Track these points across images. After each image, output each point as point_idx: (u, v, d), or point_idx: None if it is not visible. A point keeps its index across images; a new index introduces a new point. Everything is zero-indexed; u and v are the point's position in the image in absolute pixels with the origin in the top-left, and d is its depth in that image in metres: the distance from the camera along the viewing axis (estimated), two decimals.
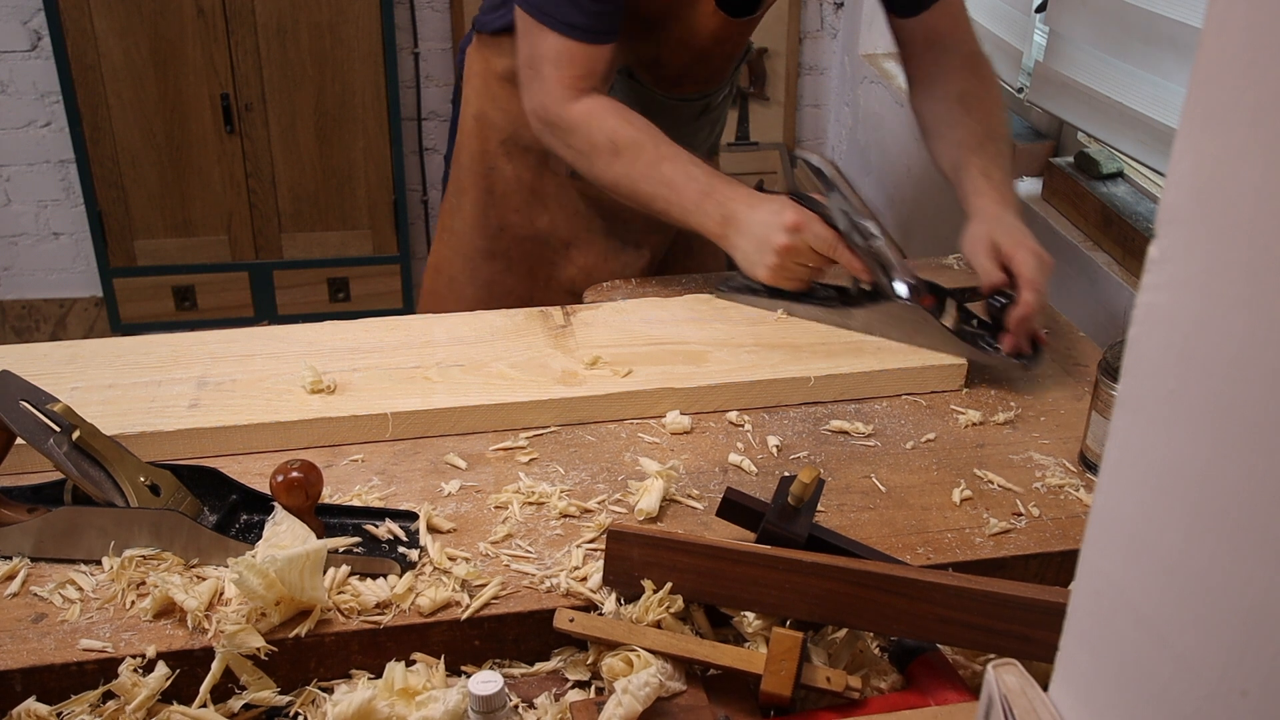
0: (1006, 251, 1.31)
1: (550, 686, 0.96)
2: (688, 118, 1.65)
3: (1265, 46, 0.40)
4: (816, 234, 1.31)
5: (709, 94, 1.63)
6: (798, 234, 1.31)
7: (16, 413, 1.01)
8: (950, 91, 1.50)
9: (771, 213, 1.33)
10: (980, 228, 1.35)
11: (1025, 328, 1.29)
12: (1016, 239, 1.31)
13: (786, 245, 1.32)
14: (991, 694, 0.63)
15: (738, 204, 1.35)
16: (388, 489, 1.14)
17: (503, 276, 1.75)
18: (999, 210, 1.36)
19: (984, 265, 1.31)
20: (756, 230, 1.34)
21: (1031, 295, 1.27)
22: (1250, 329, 0.42)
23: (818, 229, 1.31)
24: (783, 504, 0.98)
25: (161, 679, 0.91)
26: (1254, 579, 0.43)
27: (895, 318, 1.34)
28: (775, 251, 1.33)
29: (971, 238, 1.35)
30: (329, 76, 3.03)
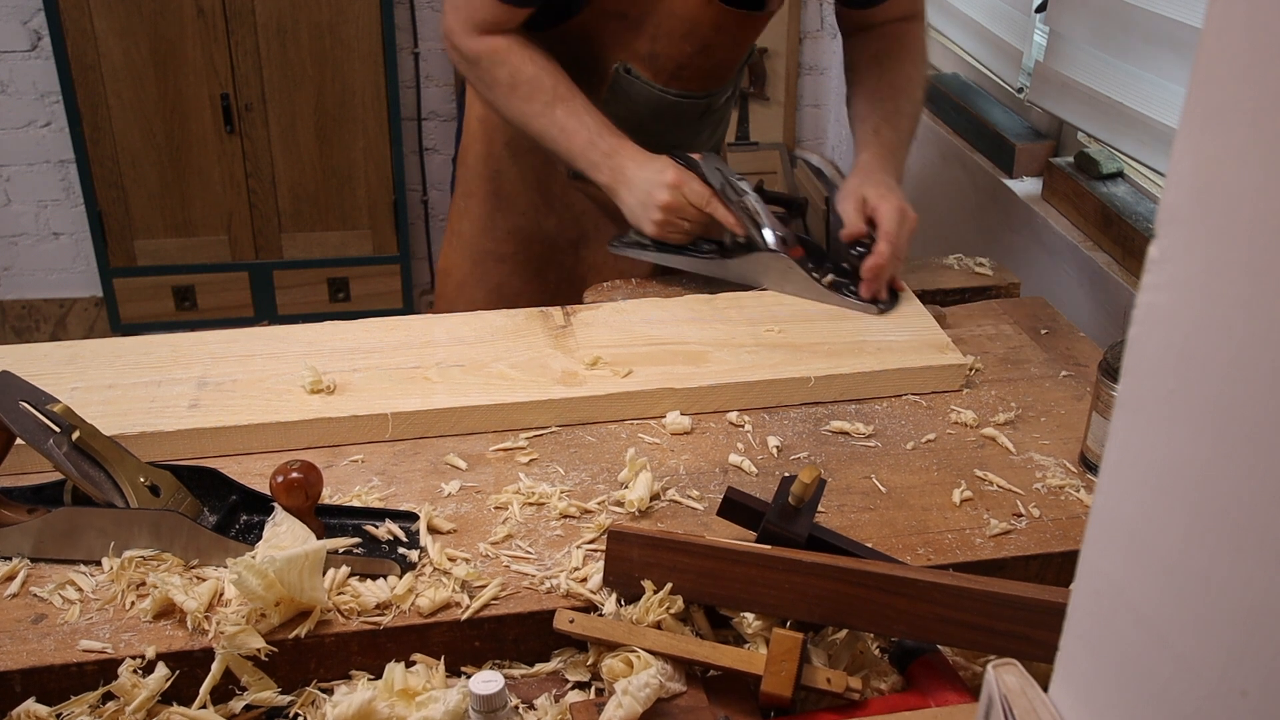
0: (871, 204, 1.41)
1: (550, 687, 0.96)
2: (690, 117, 1.64)
3: (1265, 46, 0.40)
4: (694, 190, 1.40)
5: (712, 93, 1.64)
6: (677, 190, 1.40)
7: (16, 413, 1.01)
8: (867, 52, 1.58)
9: (655, 171, 1.41)
10: (854, 180, 1.45)
11: (879, 275, 1.38)
12: (882, 193, 1.41)
13: (668, 202, 1.40)
14: (991, 694, 0.63)
15: (625, 159, 1.43)
16: (388, 489, 1.14)
17: (511, 279, 1.75)
18: (876, 165, 1.46)
19: (848, 215, 1.42)
20: (641, 187, 1.42)
21: (886, 246, 1.37)
22: (1250, 329, 0.42)
23: (695, 186, 1.41)
24: (783, 504, 0.98)
25: (161, 680, 0.91)
26: (1254, 579, 0.43)
27: (765, 267, 1.44)
28: (658, 207, 1.41)
29: (845, 190, 1.45)
30: (329, 76, 3.03)
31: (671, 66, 1.56)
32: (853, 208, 1.43)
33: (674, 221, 1.43)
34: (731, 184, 1.43)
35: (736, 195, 1.43)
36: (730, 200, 1.43)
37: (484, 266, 1.76)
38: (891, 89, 1.54)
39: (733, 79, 1.68)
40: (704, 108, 1.65)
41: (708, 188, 1.41)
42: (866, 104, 1.54)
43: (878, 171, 1.45)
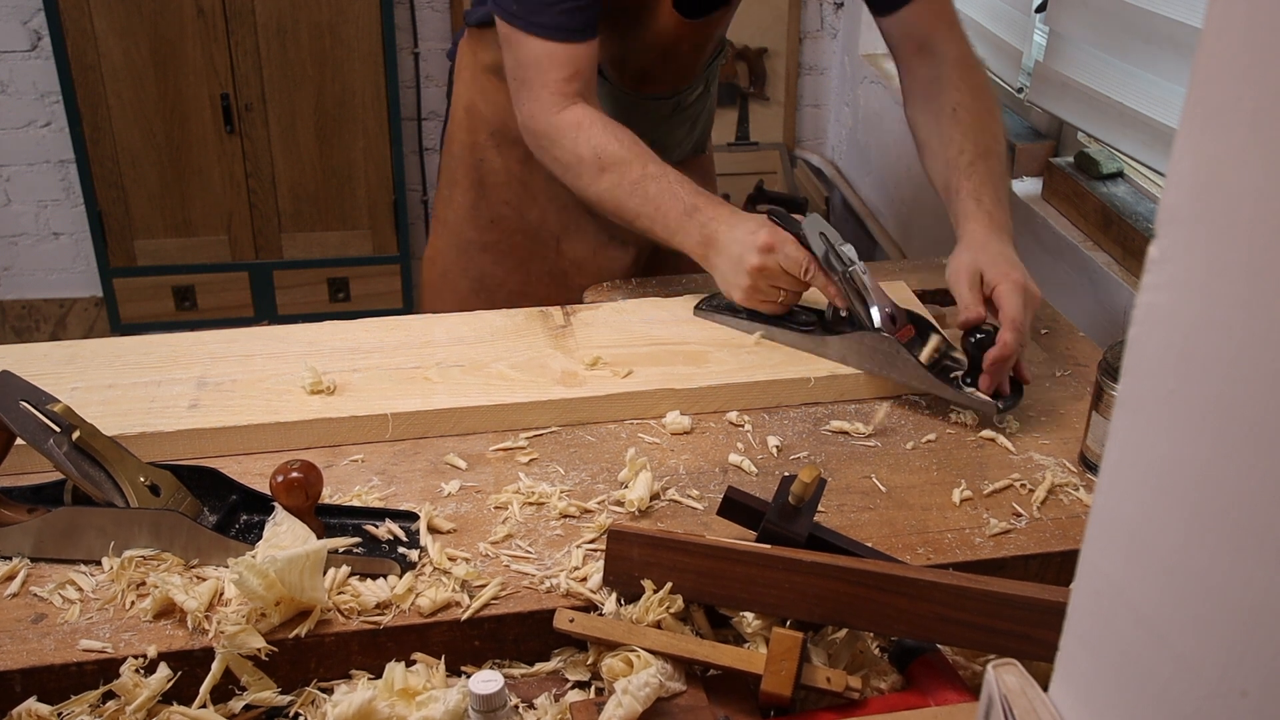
0: (990, 283, 1.26)
1: (550, 687, 0.96)
2: (659, 117, 1.64)
3: (1265, 46, 0.40)
4: (789, 255, 1.28)
5: (679, 93, 1.63)
6: (771, 255, 1.29)
7: (16, 413, 1.01)
8: (943, 105, 1.46)
9: (747, 232, 1.30)
10: (965, 255, 1.30)
11: (1002, 368, 1.22)
12: (1003, 270, 1.26)
13: (759, 266, 1.29)
14: (991, 694, 0.63)
15: (717, 224, 1.33)
16: (388, 489, 1.14)
17: (494, 269, 1.75)
18: (987, 236, 1.31)
19: (964, 297, 1.27)
20: (732, 250, 1.32)
21: (1011, 335, 1.21)
22: (1250, 329, 0.42)
23: (791, 250, 1.28)
24: (783, 503, 0.98)
25: (163, 680, 0.91)
26: (1254, 579, 0.43)
27: (870, 348, 1.29)
28: (748, 272, 1.30)
29: (956, 265, 1.30)
30: (329, 76, 3.03)
31: (637, 72, 1.56)
32: (968, 287, 1.26)
33: (763, 288, 1.31)
34: (836, 251, 1.29)
35: (841, 265, 1.29)
36: (833, 269, 1.29)
37: (467, 255, 1.75)
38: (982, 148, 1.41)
39: (702, 75, 1.66)
40: (672, 106, 1.64)
41: (807, 253, 1.28)
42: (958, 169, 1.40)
43: (993, 242, 1.30)
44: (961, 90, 1.46)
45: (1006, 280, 1.24)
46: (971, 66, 1.50)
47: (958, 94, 1.46)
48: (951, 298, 1.56)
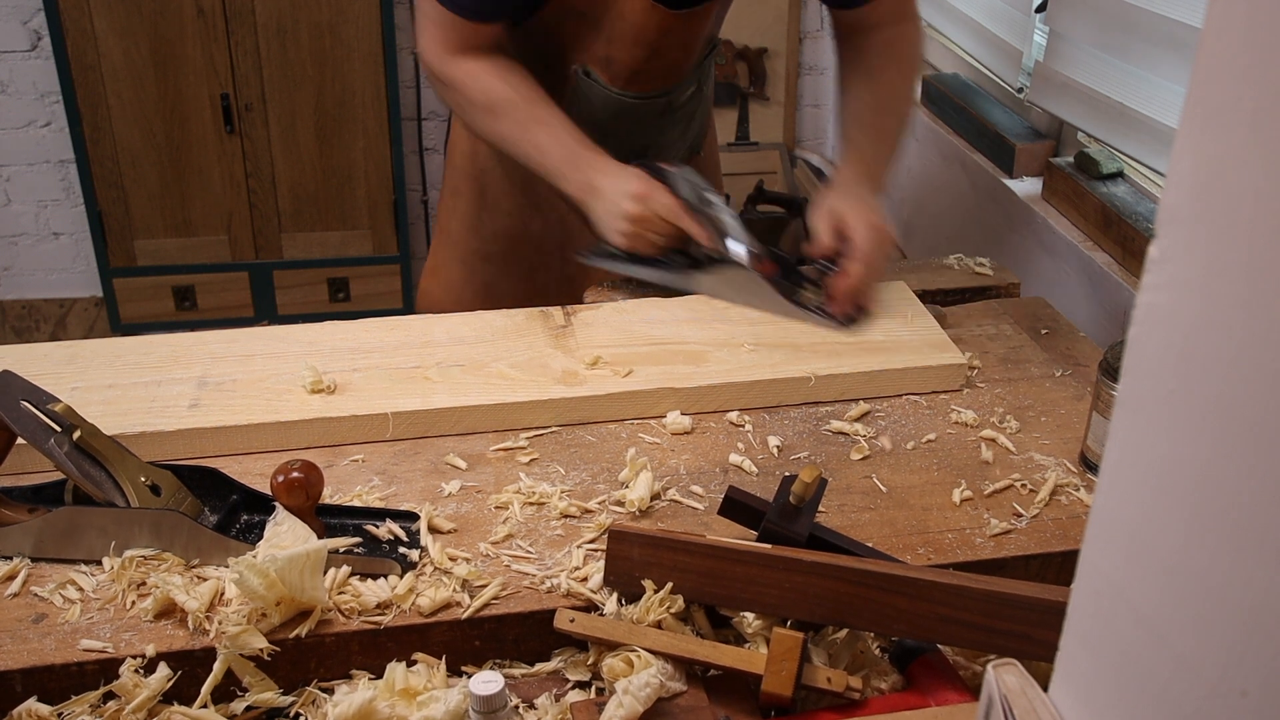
0: (845, 221, 1.36)
1: (551, 687, 0.96)
2: (650, 116, 1.63)
3: (1265, 46, 0.40)
4: (661, 202, 1.37)
5: (669, 91, 1.62)
6: (644, 202, 1.37)
7: (17, 413, 1.01)
8: (859, 66, 1.54)
9: (622, 181, 1.39)
10: (828, 196, 1.41)
11: (848, 295, 1.34)
12: (857, 210, 1.36)
13: (635, 213, 1.38)
14: (991, 694, 0.63)
15: (597, 173, 1.41)
16: (388, 489, 1.14)
17: (500, 280, 1.75)
18: (853, 182, 1.41)
19: (819, 232, 1.38)
20: (610, 198, 1.40)
21: (855, 265, 1.32)
22: (1250, 329, 0.42)
23: (662, 197, 1.38)
24: (784, 503, 0.98)
25: (163, 680, 0.92)
26: (1254, 579, 0.43)
27: (735, 283, 1.39)
28: (625, 218, 1.38)
29: (817, 205, 1.41)
30: (329, 76, 3.04)
31: (626, 72, 1.55)
32: (824, 224, 1.38)
33: (641, 234, 1.40)
34: (702, 196, 1.39)
35: (707, 207, 1.39)
36: (700, 213, 1.39)
37: (471, 266, 1.75)
38: (875, 102, 1.51)
39: (694, 74, 1.66)
40: (663, 106, 1.64)
41: (676, 199, 1.38)
42: (851, 120, 1.52)
43: (853, 185, 1.42)
44: (882, 55, 1.54)
45: (858, 218, 1.36)
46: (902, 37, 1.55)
47: (877, 59, 1.54)
48: (953, 298, 1.56)
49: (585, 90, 1.56)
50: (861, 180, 1.42)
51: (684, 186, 1.39)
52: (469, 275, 1.76)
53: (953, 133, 2.27)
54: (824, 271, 1.37)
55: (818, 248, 1.37)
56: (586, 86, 1.56)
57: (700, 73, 1.67)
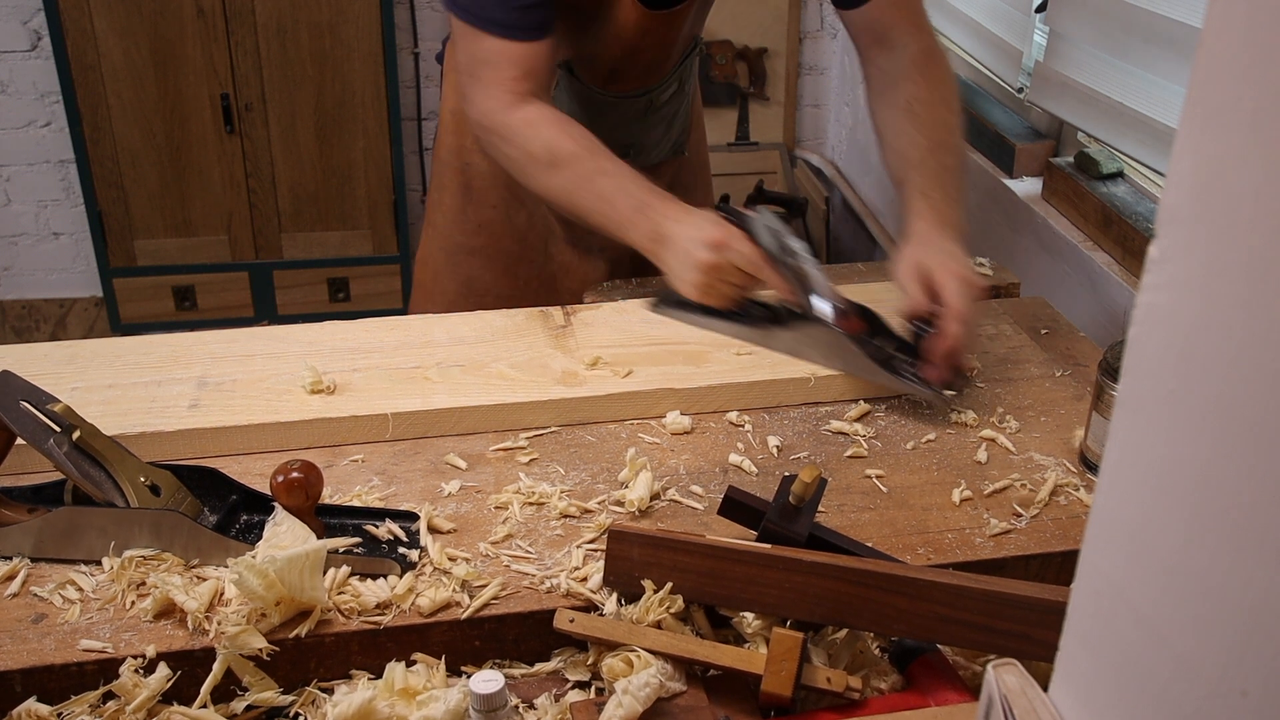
0: (934, 277, 1.27)
1: (550, 687, 0.96)
2: (632, 115, 1.63)
3: (1265, 46, 0.40)
4: (739, 251, 1.28)
5: (650, 90, 1.61)
6: (720, 251, 1.29)
7: (17, 413, 1.01)
8: (898, 99, 1.45)
9: (696, 229, 1.30)
10: (910, 251, 1.31)
11: (947, 358, 1.23)
12: (945, 264, 1.27)
13: (709, 262, 1.29)
14: (991, 694, 0.63)
15: (668, 220, 1.33)
16: (388, 489, 1.14)
17: (482, 273, 1.74)
18: (932, 233, 1.32)
19: (909, 290, 1.28)
20: (682, 246, 1.31)
21: (954, 325, 1.22)
22: (1250, 329, 0.42)
23: (740, 246, 1.28)
24: (783, 503, 0.98)
25: (163, 680, 0.91)
26: (1254, 579, 0.43)
27: (819, 341, 1.29)
28: (698, 269, 1.30)
29: (900, 262, 1.31)
30: (329, 76, 3.04)
31: (605, 70, 1.55)
32: (910, 278, 1.28)
33: (714, 284, 1.31)
34: (784, 244, 1.29)
35: (790, 258, 1.29)
36: (782, 263, 1.28)
37: (455, 258, 1.75)
38: (930, 142, 1.41)
39: (675, 73, 1.65)
40: (644, 106, 1.63)
41: (756, 248, 1.28)
42: (908, 165, 1.40)
43: (936, 237, 1.31)
44: (918, 84, 1.45)
45: (948, 273, 1.26)
46: (931, 60, 1.47)
47: (914, 87, 1.45)
48: None
49: (566, 87, 1.56)
50: (940, 229, 1.33)
51: (764, 234, 1.29)
52: (453, 267, 1.75)
53: None
54: (919, 333, 1.26)
55: (909, 307, 1.27)
56: (568, 83, 1.56)
57: (681, 73, 1.67)
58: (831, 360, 1.30)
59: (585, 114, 1.56)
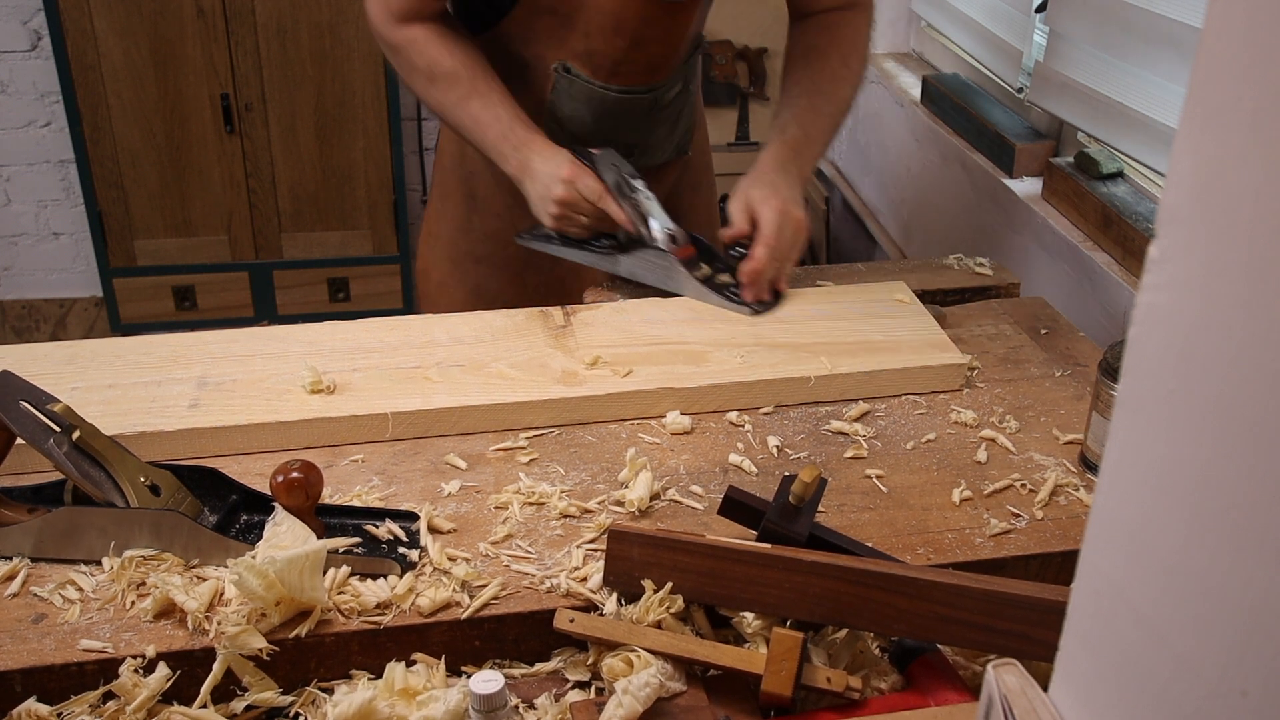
0: (755, 208, 1.39)
1: (550, 687, 0.96)
2: (636, 114, 1.63)
3: (1265, 46, 0.40)
4: (586, 185, 1.41)
5: (655, 87, 1.61)
6: (571, 185, 1.41)
7: (17, 413, 1.01)
8: (800, 47, 1.55)
9: (553, 165, 1.43)
10: (744, 180, 1.44)
11: (754, 279, 1.38)
12: (766, 195, 1.39)
13: (562, 196, 1.42)
14: (991, 694, 0.63)
15: (530, 153, 1.45)
16: (388, 489, 1.14)
17: (490, 281, 1.75)
18: (771, 165, 1.44)
19: (733, 216, 1.41)
20: (541, 180, 1.44)
21: (762, 250, 1.36)
22: (1250, 329, 0.42)
23: (588, 181, 1.42)
24: (784, 503, 0.98)
25: (162, 680, 0.91)
26: (1254, 579, 0.43)
27: (653, 265, 1.45)
28: (554, 200, 1.43)
29: (734, 189, 1.43)
30: (329, 76, 3.04)
31: (609, 64, 1.55)
32: (738, 208, 1.42)
33: (568, 215, 1.44)
34: (626, 180, 1.44)
35: (630, 191, 1.44)
36: (624, 196, 1.43)
37: (463, 268, 1.76)
38: (811, 87, 1.52)
39: (680, 71, 1.65)
40: (649, 103, 1.63)
41: (600, 183, 1.42)
42: (785, 104, 1.53)
43: (771, 172, 1.44)
44: (821, 35, 1.55)
45: (766, 204, 1.39)
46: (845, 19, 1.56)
47: (816, 38, 1.55)
48: (953, 298, 1.56)
49: (567, 88, 1.56)
50: (782, 166, 1.44)
51: (608, 170, 1.44)
52: (461, 277, 1.76)
53: (953, 133, 2.26)
54: (737, 256, 1.41)
55: (730, 232, 1.42)
56: (568, 84, 1.56)
57: (686, 71, 1.66)
58: (665, 282, 1.45)
59: (589, 115, 1.57)
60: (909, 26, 2.78)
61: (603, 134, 1.55)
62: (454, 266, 1.76)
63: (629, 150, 1.55)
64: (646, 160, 1.66)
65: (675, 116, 1.71)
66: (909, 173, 2.54)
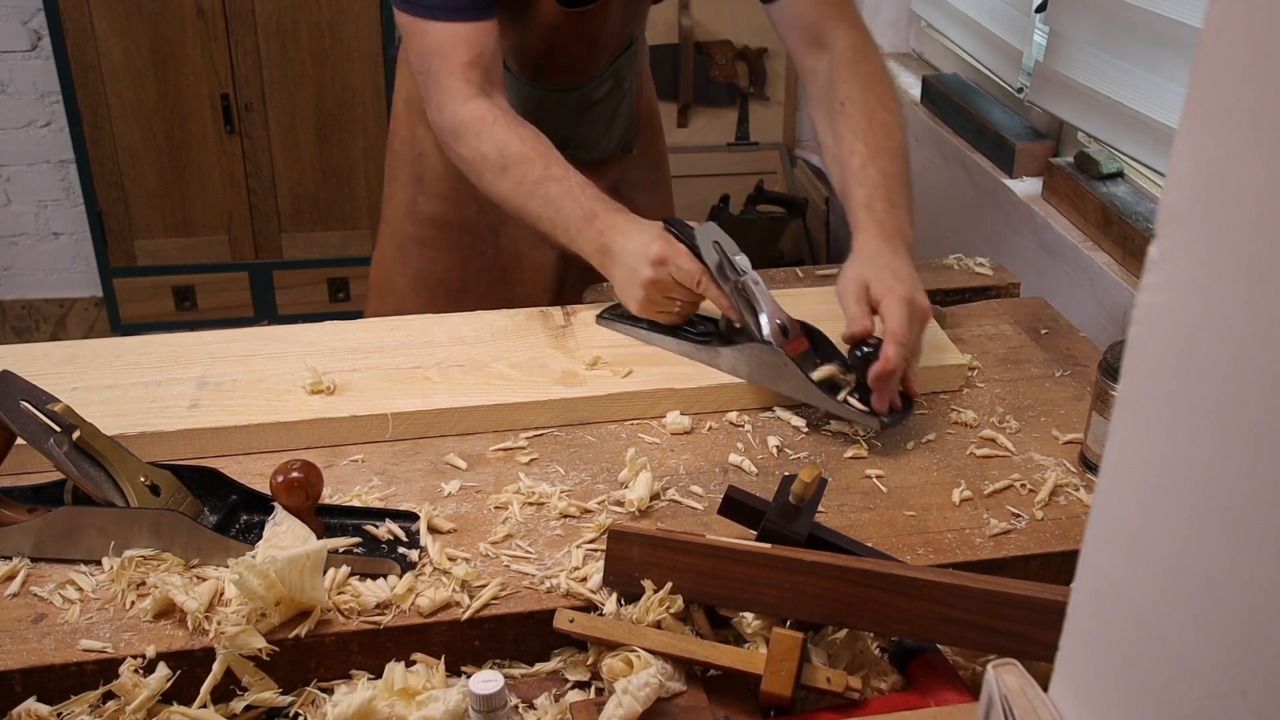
0: (876, 297, 1.22)
1: (550, 687, 0.96)
2: (566, 110, 1.62)
3: (1265, 46, 0.40)
4: (681, 268, 1.26)
5: (580, 86, 1.60)
6: (663, 267, 1.27)
7: (17, 413, 1.01)
8: (833, 101, 1.40)
9: (641, 244, 1.29)
10: (853, 268, 1.26)
11: (886, 382, 1.18)
12: (888, 284, 1.22)
13: (652, 279, 1.28)
14: (991, 694, 0.63)
15: (614, 233, 1.31)
16: (388, 489, 1.14)
17: (432, 266, 1.73)
18: (876, 248, 1.27)
19: (850, 310, 1.23)
20: (627, 261, 1.30)
21: (892, 349, 1.17)
22: (1250, 329, 0.42)
23: (683, 262, 1.26)
24: (784, 503, 0.98)
25: (162, 680, 0.91)
26: (1254, 579, 0.43)
27: (762, 360, 1.26)
28: (642, 284, 1.29)
29: (843, 278, 1.26)
30: (329, 76, 3.04)
31: (532, 62, 1.54)
32: (854, 301, 1.23)
33: (657, 300, 1.30)
34: (730, 261, 1.27)
35: (736, 274, 1.26)
36: (726, 279, 1.26)
37: (406, 251, 1.73)
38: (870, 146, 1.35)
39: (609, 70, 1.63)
40: (578, 101, 1.61)
41: (699, 265, 1.26)
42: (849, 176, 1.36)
43: (882, 255, 1.26)
44: (850, 83, 1.40)
45: (891, 294, 1.21)
46: (862, 55, 1.42)
47: (845, 87, 1.40)
48: (953, 298, 1.56)
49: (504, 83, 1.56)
50: (886, 243, 1.28)
51: (708, 249, 1.27)
52: (404, 261, 1.74)
53: (953, 133, 2.27)
54: (861, 356, 1.21)
55: (850, 330, 1.23)
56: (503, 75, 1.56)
57: (617, 70, 1.65)
58: (774, 381, 1.27)
59: (523, 109, 1.53)
60: (909, 26, 2.77)
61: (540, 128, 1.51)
62: (399, 252, 1.74)
63: (563, 144, 1.45)
64: (584, 155, 1.63)
65: (610, 114, 1.68)
66: None
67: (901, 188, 1.35)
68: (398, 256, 1.74)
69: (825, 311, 1.33)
